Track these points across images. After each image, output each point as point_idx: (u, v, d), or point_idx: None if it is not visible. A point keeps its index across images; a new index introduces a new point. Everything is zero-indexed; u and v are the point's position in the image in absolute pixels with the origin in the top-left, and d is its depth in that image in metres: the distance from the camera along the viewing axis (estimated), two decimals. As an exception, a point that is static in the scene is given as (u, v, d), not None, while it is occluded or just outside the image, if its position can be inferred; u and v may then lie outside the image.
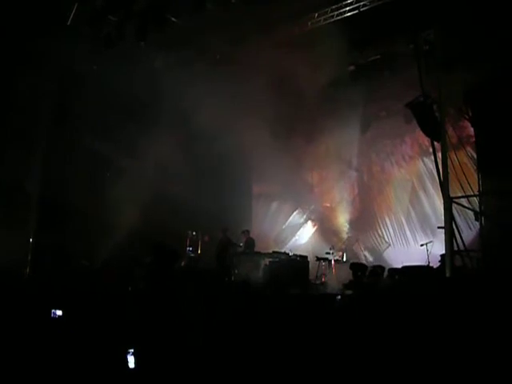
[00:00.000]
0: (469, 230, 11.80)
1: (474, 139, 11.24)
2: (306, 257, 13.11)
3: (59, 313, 6.07)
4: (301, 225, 17.85)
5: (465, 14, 9.87)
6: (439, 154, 10.32)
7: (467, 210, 11.09)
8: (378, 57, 13.55)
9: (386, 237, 15.84)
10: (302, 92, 13.47)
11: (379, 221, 16.09)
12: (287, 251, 13.78)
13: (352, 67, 13.92)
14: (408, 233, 15.21)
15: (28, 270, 12.67)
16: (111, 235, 13.28)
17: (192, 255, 14.09)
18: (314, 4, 12.52)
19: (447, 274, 9.39)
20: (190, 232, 14.53)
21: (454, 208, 10.18)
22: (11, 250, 12.50)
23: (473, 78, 9.91)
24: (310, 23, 12.95)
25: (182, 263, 13.23)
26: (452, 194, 10.12)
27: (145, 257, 13.33)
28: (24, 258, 12.87)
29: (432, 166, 12.00)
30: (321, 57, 12.11)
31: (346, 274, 11.50)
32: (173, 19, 12.18)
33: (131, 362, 3.94)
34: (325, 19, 12.71)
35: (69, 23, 12.14)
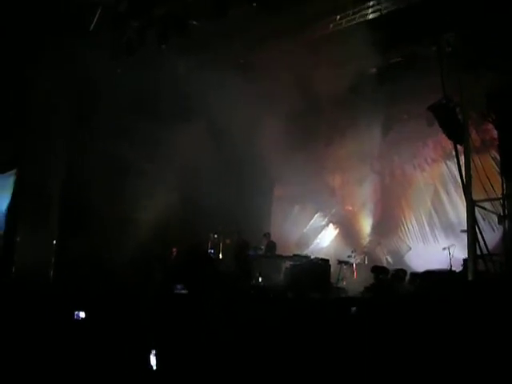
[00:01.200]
0: (492, 233, 11.64)
1: (497, 142, 11.12)
2: (327, 260, 13.07)
3: (82, 315, 6.13)
4: (322, 228, 17.81)
5: (487, 15, 9.79)
6: (462, 157, 10.24)
7: (491, 214, 10.98)
8: (400, 59, 13.46)
9: (407, 240, 15.74)
10: (323, 95, 13.43)
11: (401, 224, 16.01)
12: (308, 254, 13.76)
13: (374, 70, 13.84)
14: (430, 236, 15.11)
15: (52, 272, 12.80)
16: (133, 237, 13.37)
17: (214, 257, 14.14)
18: (336, 6, 12.47)
19: (469, 279, 9.30)
20: (211, 235, 14.59)
21: (477, 211, 10.09)
22: (35, 252, 12.66)
23: (496, 81, 9.83)
24: (331, 25, 12.88)
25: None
26: (475, 198, 10.03)
27: (167, 258, 13.50)
28: (48, 260, 12.99)
29: (455, 169, 11.89)
30: (342, 59, 12.09)
31: (368, 278, 11.46)
32: (194, 23, 12.22)
33: (153, 362, 3.96)
34: (347, 21, 12.64)
35: (91, 28, 12.26)
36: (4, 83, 12.38)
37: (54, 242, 13.22)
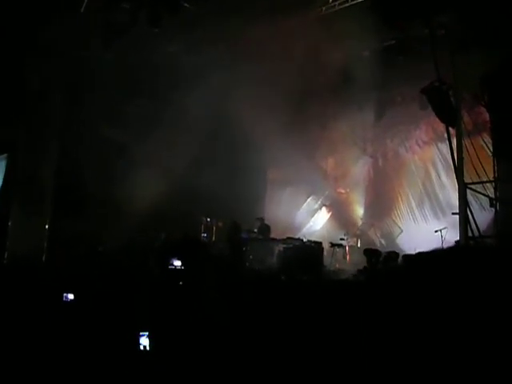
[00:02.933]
0: (483, 216, 11.71)
1: (489, 125, 11.15)
2: (320, 243, 13.12)
3: (71, 296, 6.16)
4: (315, 211, 17.85)
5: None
6: (454, 140, 10.27)
7: (482, 196, 11.03)
8: (393, 42, 13.43)
9: (400, 223, 15.80)
10: (316, 78, 13.39)
11: (394, 207, 16.05)
12: (301, 237, 13.80)
13: (367, 53, 13.80)
14: (422, 219, 15.17)
15: (44, 257, 12.79)
16: (126, 221, 13.37)
17: (206, 241, 14.17)
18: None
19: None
20: (204, 218, 14.61)
21: (469, 194, 10.14)
22: (27, 237, 12.64)
23: (488, 63, 9.83)
24: (324, 8, 12.84)
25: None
26: (467, 180, 10.08)
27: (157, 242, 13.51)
28: (40, 245, 12.98)
29: (447, 152, 11.90)
30: (335, 42, 12.03)
31: (361, 260, 11.52)
32: (186, 5, 12.14)
33: (145, 344, 3.97)
34: (339, 4, 12.59)
35: (82, 10, 12.14)
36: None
37: (47, 226, 13.20)
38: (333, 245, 13.80)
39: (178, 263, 5.72)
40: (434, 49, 10.14)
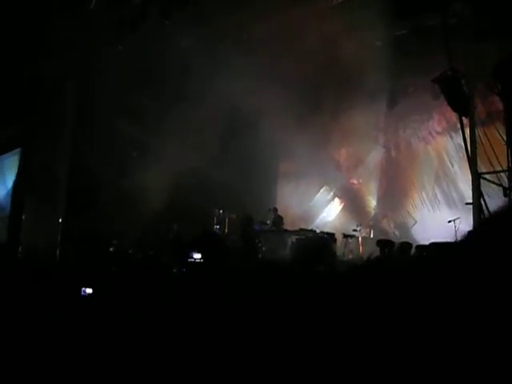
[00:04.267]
0: (497, 205, 11.60)
1: (503, 114, 11.04)
2: (333, 234, 13.12)
3: (89, 291, 6.21)
4: (328, 202, 17.82)
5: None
6: (467, 130, 10.19)
7: (496, 186, 10.96)
8: (405, 31, 13.31)
9: (413, 213, 15.74)
10: (328, 68, 13.33)
11: (407, 197, 15.99)
12: (314, 228, 13.79)
13: (378, 43, 13.70)
14: (435, 209, 15.10)
15: (58, 252, 12.87)
16: (139, 215, 13.43)
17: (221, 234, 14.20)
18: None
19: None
20: (217, 210, 14.65)
21: (483, 184, 10.07)
22: (41, 231, 12.72)
23: (502, 51, 9.72)
24: (335, -2, 12.77)
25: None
26: (480, 170, 10.01)
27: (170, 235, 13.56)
28: (54, 239, 13.06)
29: (460, 142, 11.82)
30: (346, 33, 11.96)
31: (374, 251, 11.48)
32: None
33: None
34: (351, -6, 12.51)
35: (92, 6, 12.17)
36: (7, 64, 12.34)
37: (60, 220, 13.28)
38: (346, 236, 13.80)
39: (197, 256, 5.74)
40: (446, 38, 10.05)
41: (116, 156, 13.22)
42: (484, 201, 9.77)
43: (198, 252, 5.62)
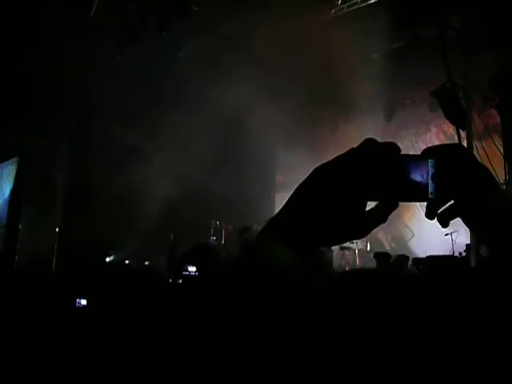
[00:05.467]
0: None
1: (500, 127, 11.07)
2: (329, 246, 13.08)
3: (84, 302, 6.16)
4: (325, 214, 17.75)
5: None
6: (465, 143, 10.20)
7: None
8: (402, 44, 13.37)
9: (410, 226, 15.72)
10: (326, 80, 13.37)
11: (404, 210, 15.97)
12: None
13: (376, 55, 13.76)
14: (433, 222, 15.05)
15: (55, 260, 12.84)
16: (136, 225, 13.41)
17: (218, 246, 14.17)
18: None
19: (472, 264, 9.31)
20: (213, 221, 14.60)
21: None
22: (38, 240, 12.68)
23: (499, 64, 9.76)
24: (333, 11, 12.83)
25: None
26: (478, 183, 10.00)
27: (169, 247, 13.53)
28: (51, 248, 13.03)
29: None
30: (343, 45, 12.00)
31: (370, 264, 11.47)
32: (194, 8, 12.17)
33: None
34: (348, 6, 12.57)
35: (92, 14, 12.21)
36: (4, 72, 12.35)
37: (57, 229, 13.26)
38: (342, 248, 13.76)
39: (192, 269, 5.70)
40: (443, 50, 10.08)
41: (113, 164, 13.19)
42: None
43: (192, 265, 5.58)
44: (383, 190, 1.02)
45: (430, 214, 1.07)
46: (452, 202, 1.04)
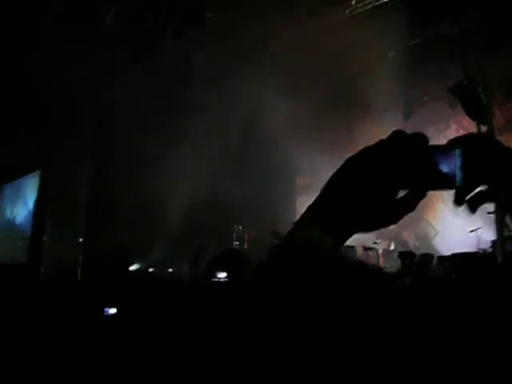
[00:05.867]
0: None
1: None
2: (353, 247, 13.02)
3: (113, 311, 6.20)
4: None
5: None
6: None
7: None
8: (419, 41, 13.28)
9: (434, 224, 15.58)
10: (342, 81, 13.34)
11: (427, 208, 15.84)
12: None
13: (392, 53, 13.67)
14: (457, 219, 14.94)
15: (80, 271, 12.95)
16: (159, 232, 13.48)
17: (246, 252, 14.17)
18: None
19: (499, 260, 9.21)
20: (235, 226, 14.62)
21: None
22: (62, 252, 12.81)
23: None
24: (347, 11, 12.80)
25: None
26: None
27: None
28: (75, 260, 13.15)
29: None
30: (360, 44, 11.96)
31: (395, 263, 11.39)
32: (209, 15, 12.22)
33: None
34: (363, 5, 12.53)
35: (107, 23, 12.31)
36: (25, 86, 12.52)
37: (81, 240, 13.37)
38: (366, 248, 13.69)
39: (222, 275, 5.69)
40: (462, 46, 10.02)
41: (135, 174, 13.28)
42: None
43: (222, 271, 5.56)
44: (412, 179, 1.07)
45: (458, 201, 1.10)
46: (479, 188, 1.08)
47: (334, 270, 1.08)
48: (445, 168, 1.06)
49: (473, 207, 1.10)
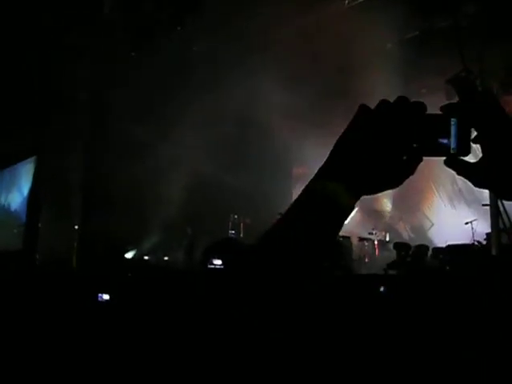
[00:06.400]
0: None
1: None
2: (348, 237, 13.05)
3: (106, 297, 6.22)
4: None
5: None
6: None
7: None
8: (417, 33, 13.25)
9: (429, 215, 15.64)
10: (340, 72, 13.30)
11: (423, 199, 15.88)
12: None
13: (389, 45, 13.65)
14: (452, 211, 14.99)
15: (75, 258, 12.96)
16: (154, 220, 13.48)
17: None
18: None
19: (493, 252, 9.24)
20: (231, 215, 14.64)
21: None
22: (58, 239, 12.80)
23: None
24: (346, 1, 12.75)
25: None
26: (497, 171, 9.90)
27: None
28: (71, 247, 13.14)
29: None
30: (358, 36, 11.92)
31: (390, 254, 11.43)
32: (207, 3, 12.16)
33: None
34: (362, -4, 12.49)
35: (105, 12, 12.24)
36: (21, 73, 12.46)
37: (76, 227, 13.36)
38: (361, 239, 13.74)
39: (218, 262, 5.71)
40: (459, 38, 9.99)
41: (129, 161, 13.25)
42: (501, 202, 9.67)
43: (218, 258, 5.58)
44: (410, 143, 1.11)
45: (449, 163, 1.17)
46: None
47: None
48: (440, 136, 1.11)
49: (461, 170, 1.16)
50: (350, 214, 1.16)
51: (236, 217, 14.64)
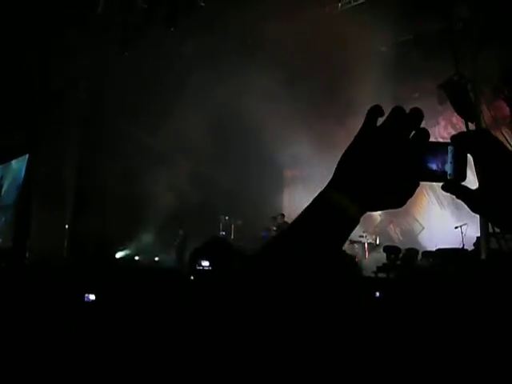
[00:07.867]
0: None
1: (509, 119, 11.01)
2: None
3: (92, 297, 6.19)
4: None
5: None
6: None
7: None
8: (411, 37, 13.30)
9: (420, 219, 15.67)
10: (333, 74, 13.31)
11: (413, 203, 15.90)
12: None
13: (383, 48, 13.69)
14: (442, 215, 15.03)
15: (65, 256, 12.91)
16: (146, 220, 13.45)
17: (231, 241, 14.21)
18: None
19: (482, 257, 9.29)
20: (222, 216, 14.63)
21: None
22: (48, 237, 12.74)
23: (509, 56, 9.70)
24: (340, 4, 12.78)
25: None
26: (487, 176, 9.96)
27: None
28: (60, 245, 13.10)
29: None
30: (352, 39, 11.95)
31: (380, 257, 11.45)
32: (202, 4, 12.16)
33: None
34: (355, 0, 12.53)
35: (99, 11, 12.22)
36: (15, 70, 12.42)
37: (67, 226, 13.32)
38: (352, 242, 13.74)
39: (206, 264, 5.70)
40: (452, 43, 10.05)
41: (122, 160, 13.21)
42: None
43: (206, 260, 5.57)
44: (409, 170, 1.14)
45: (446, 188, 1.19)
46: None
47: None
48: (437, 163, 1.14)
49: (459, 195, 1.18)
50: (355, 226, 1.15)
51: (227, 218, 14.64)
